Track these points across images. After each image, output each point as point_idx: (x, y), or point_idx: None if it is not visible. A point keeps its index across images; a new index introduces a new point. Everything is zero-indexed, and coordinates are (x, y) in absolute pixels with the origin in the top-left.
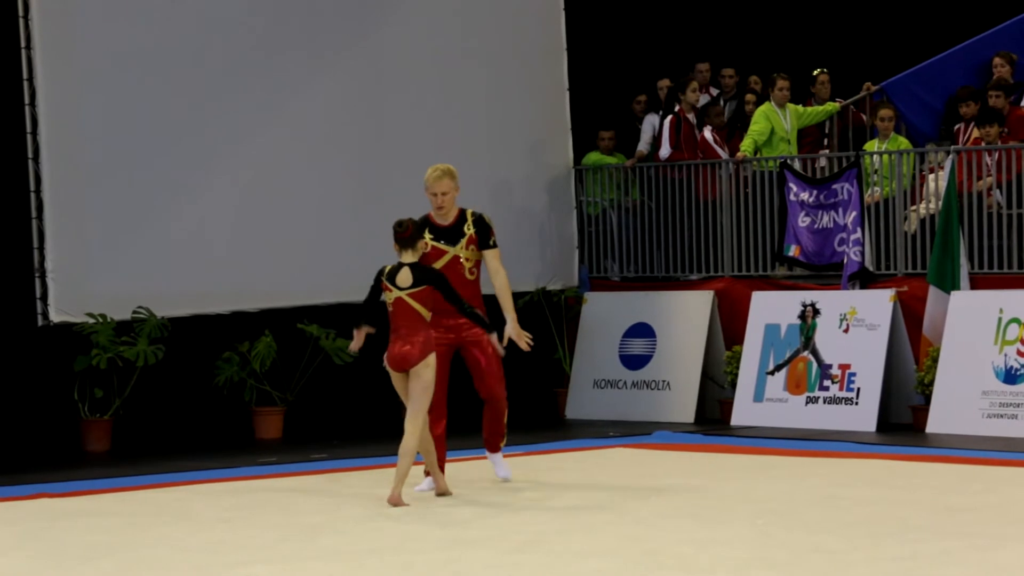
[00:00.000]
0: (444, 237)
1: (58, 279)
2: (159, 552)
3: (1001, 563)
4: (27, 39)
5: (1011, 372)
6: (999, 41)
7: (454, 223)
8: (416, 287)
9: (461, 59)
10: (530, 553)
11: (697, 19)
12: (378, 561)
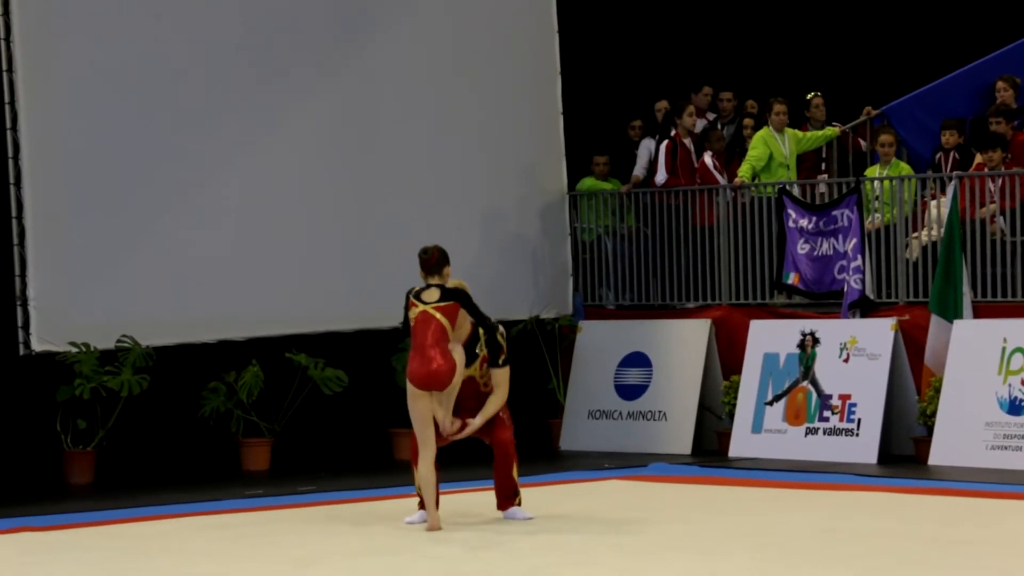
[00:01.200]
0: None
1: (40, 307)
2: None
3: None
4: (8, 62)
5: (1015, 403)
6: (1002, 65)
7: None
8: (442, 302)
9: (455, 83)
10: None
11: (693, 42)
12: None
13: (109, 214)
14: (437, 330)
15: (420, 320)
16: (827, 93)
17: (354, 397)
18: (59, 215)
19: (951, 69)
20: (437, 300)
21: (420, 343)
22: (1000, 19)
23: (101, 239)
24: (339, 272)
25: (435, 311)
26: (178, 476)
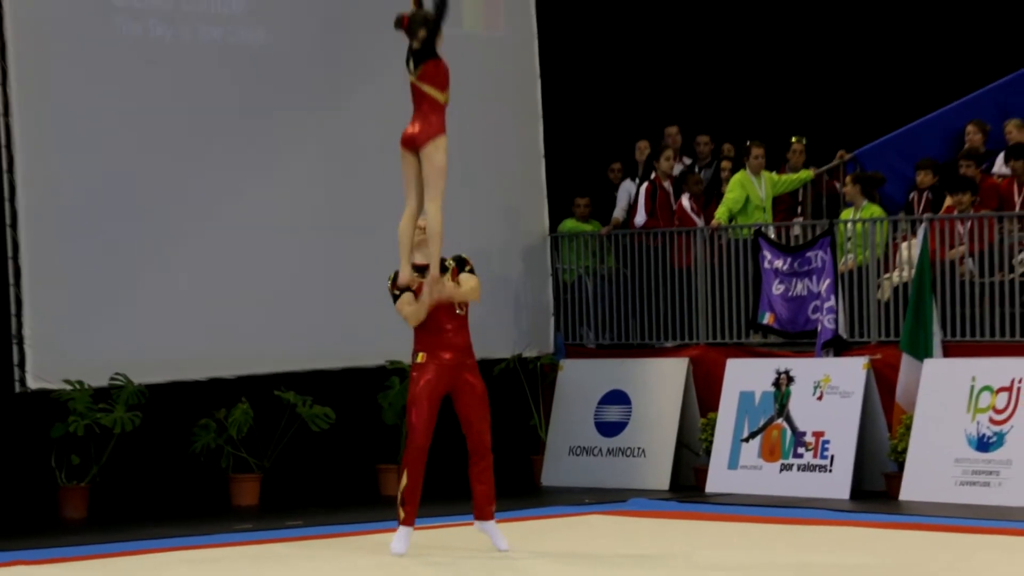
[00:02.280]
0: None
1: (35, 346)
2: None
3: None
4: (5, 107)
5: (983, 440)
6: (972, 110)
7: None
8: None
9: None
10: None
11: (672, 86)
12: None
13: (103, 255)
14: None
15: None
16: (800, 136)
17: (341, 434)
18: (54, 256)
19: (922, 114)
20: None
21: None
22: (970, 65)
23: (95, 280)
24: (326, 312)
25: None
26: (170, 511)
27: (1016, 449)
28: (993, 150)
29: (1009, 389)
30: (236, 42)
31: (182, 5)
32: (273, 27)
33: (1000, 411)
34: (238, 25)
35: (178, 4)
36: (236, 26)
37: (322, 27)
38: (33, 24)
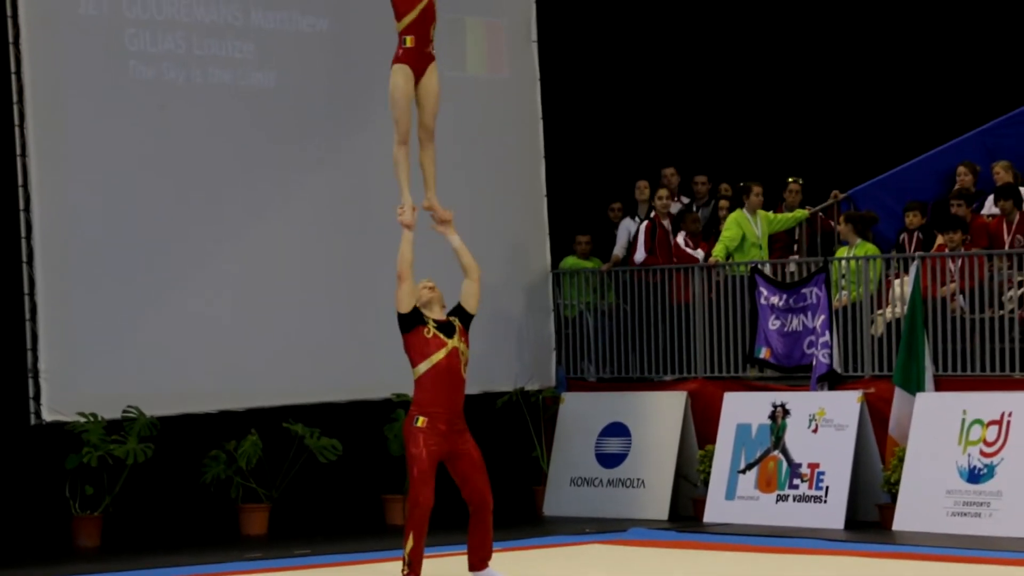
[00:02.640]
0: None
1: (51, 379)
2: None
3: None
4: (22, 147)
5: (975, 472)
6: (962, 151)
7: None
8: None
9: (443, 165)
10: None
11: (670, 128)
12: None
13: (116, 292)
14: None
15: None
16: (796, 177)
17: (348, 465)
18: (68, 292)
19: (915, 155)
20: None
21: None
22: (959, 109)
23: (108, 315)
24: (333, 346)
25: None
26: (181, 540)
27: (1006, 481)
28: (983, 190)
29: (999, 422)
30: (246, 85)
31: (194, 49)
32: (281, 70)
33: (990, 444)
34: (248, 68)
35: (190, 48)
36: (246, 69)
37: (328, 70)
38: (50, 67)
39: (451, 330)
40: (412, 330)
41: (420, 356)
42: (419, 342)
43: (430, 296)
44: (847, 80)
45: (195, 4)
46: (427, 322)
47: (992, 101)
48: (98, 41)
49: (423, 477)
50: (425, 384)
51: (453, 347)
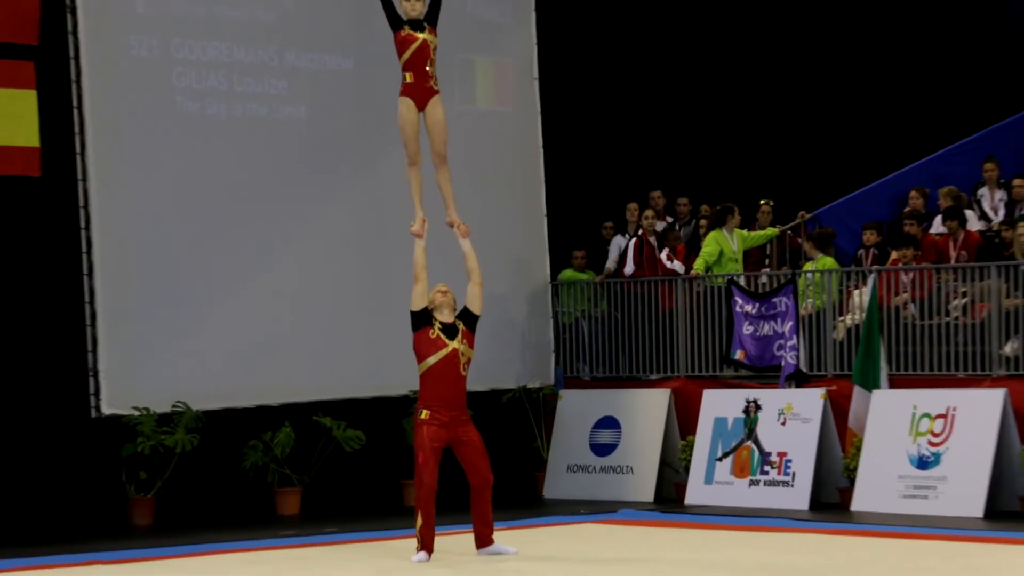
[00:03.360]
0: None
1: (109, 378)
2: None
3: None
4: (83, 172)
5: (923, 459)
6: (914, 177)
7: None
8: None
9: (456, 187)
10: None
11: (657, 157)
12: None
13: (166, 300)
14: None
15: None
16: (767, 199)
17: (370, 453)
18: (124, 301)
19: (871, 180)
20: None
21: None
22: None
23: (159, 321)
24: (358, 349)
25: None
26: (223, 519)
27: (951, 467)
28: (932, 212)
29: (945, 416)
30: (280, 118)
31: (234, 86)
32: (311, 105)
33: (937, 435)
34: (282, 103)
35: (231, 85)
36: (280, 104)
37: (352, 104)
38: (107, 102)
39: (454, 332)
40: (420, 329)
41: (424, 354)
42: (424, 341)
43: (442, 300)
44: (813, 115)
45: (235, 46)
46: (434, 324)
47: (939, 134)
48: (149, 79)
49: (426, 462)
50: (428, 380)
51: (453, 348)
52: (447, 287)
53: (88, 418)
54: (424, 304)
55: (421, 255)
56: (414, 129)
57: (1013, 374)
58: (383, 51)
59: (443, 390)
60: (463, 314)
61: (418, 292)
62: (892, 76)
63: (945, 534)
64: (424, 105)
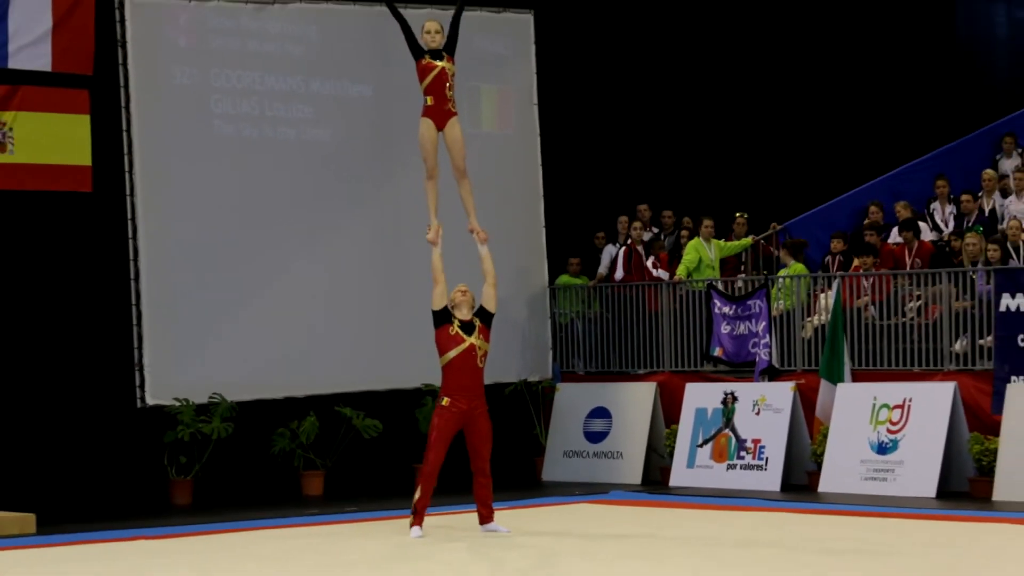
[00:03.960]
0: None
1: (152, 372)
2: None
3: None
4: (131, 188)
5: (882, 445)
6: (874, 192)
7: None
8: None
9: (458, 204)
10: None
11: (643, 173)
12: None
13: (204, 302)
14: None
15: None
16: (744, 212)
17: (386, 440)
18: (167, 303)
19: (836, 195)
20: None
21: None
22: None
23: (198, 321)
24: (375, 346)
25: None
26: (255, 499)
27: (907, 452)
28: (889, 223)
29: (902, 406)
30: (306, 139)
31: (265, 111)
32: (335, 128)
33: (895, 423)
34: (308, 127)
35: (263, 111)
36: (306, 127)
37: (372, 127)
38: (153, 126)
39: (472, 329)
40: (441, 326)
41: (444, 348)
42: (444, 337)
43: (460, 300)
44: (783, 137)
45: (267, 75)
46: (453, 321)
47: (896, 154)
48: (190, 105)
49: (436, 442)
50: (448, 371)
51: (470, 344)
52: (466, 287)
53: (134, 408)
54: (444, 303)
55: (438, 260)
56: (433, 146)
57: (962, 369)
58: (399, 80)
59: (462, 380)
60: (480, 312)
61: (438, 293)
62: (854, 102)
63: (902, 512)
64: (443, 125)
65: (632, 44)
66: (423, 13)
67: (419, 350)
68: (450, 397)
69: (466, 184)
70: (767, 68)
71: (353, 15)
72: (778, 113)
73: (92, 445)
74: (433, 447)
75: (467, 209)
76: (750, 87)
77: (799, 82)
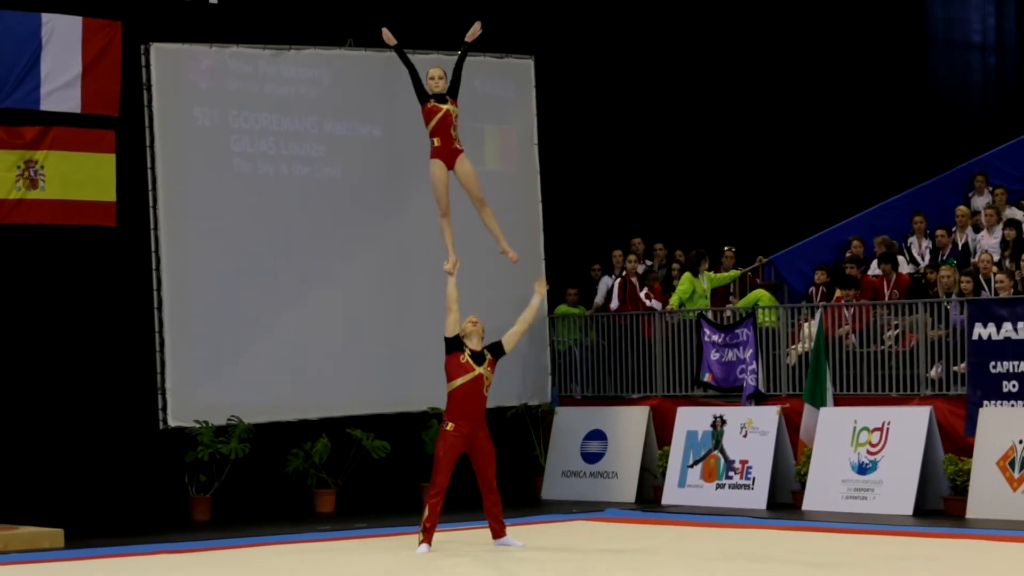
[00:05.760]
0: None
1: (174, 395)
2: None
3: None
4: (155, 222)
5: (863, 466)
6: (854, 227)
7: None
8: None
9: (465, 236)
10: None
11: (637, 209)
12: None
13: (222, 330)
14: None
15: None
16: (732, 246)
17: (394, 460)
18: (188, 331)
19: (819, 230)
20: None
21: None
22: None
23: (217, 348)
24: (383, 372)
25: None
26: (270, 515)
27: (886, 473)
28: (869, 257)
29: (881, 429)
30: (320, 177)
31: (282, 151)
32: (346, 166)
33: (874, 445)
34: (321, 164)
35: (279, 150)
36: (319, 165)
37: (381, 166)
38: (175, 164)
39: (482, 359)
40: (452, 353)
41: (453, 375)
42: (454, 364)
43: (472, 329)
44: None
45: (282, 117)
46: (464, 349)
47: (875, 191)
48: (210, 144)
49: (442, 465)
50: (454, 398)
51: (479, 373)
52: (477, 318)
53: (156, 429)
54: (456, 331)
55: (453, 290)
56: (444, 185)
57: (937, 394)
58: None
59: (467, 407)
60: (494, 346)
61: (451, 321)
62: (836, 143)
63: (881, 529)
64: (453, 164)
65: (625, 88)
66: (429, 59)
67: (425, 375)
68: (454, 422)
69: (488, 211)
70: (753, 111)
71: (363, 60)
72: (764, 153)
73: (117, 464)
74: (439, 469)
75: (495, 235)
76: (737, 129)
77: (784, 125)
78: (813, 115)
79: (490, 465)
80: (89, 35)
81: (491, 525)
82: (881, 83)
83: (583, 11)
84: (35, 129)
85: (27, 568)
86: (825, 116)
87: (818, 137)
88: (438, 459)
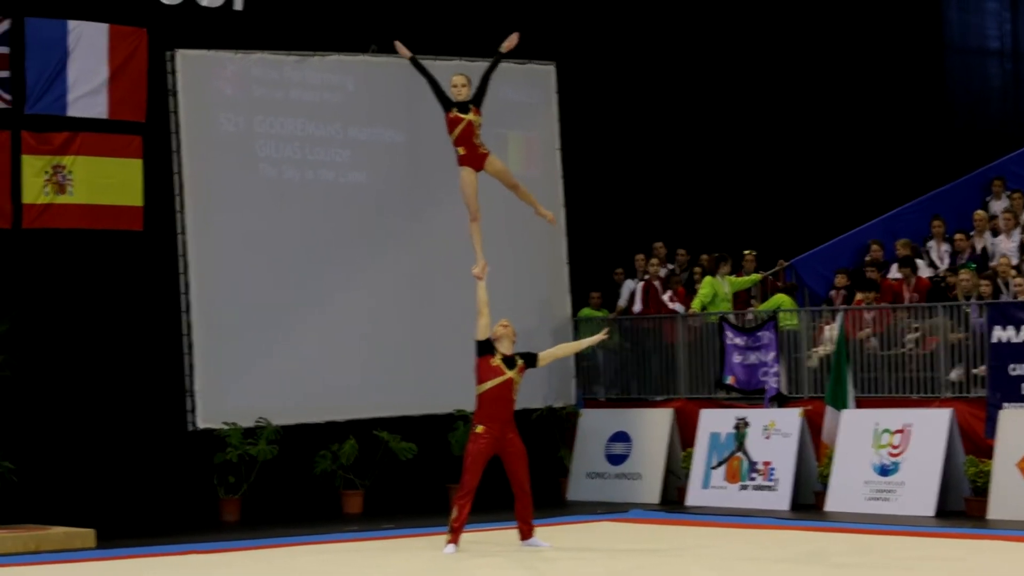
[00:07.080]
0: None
1: (203, 397)
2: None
3: None
4: (182, 227)
5: (884, 468)
6: (874, 231)
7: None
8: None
9: (490, 242)
10: None
11: (659, 214)
12: None
13: (250, 333)
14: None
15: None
16: (754, 249)
17: (421, 462)
18: (215, 334)
19: (839, 233)
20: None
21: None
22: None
23: (244, 351)
24: (410, 374)
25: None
26: (298, 516)
27: (907, 474)
28: (889, 260)
29: (902, 431)
30: (344, 181)
31: (307, 156)
32: (370, 171)
33: (896, 447)
34: (345, 169)
35: (304, 155)
36: (344, 170)
37: (404, 170)
38: (202, 169)
39: (512, 364)
40: (483, 356)
41: (483, 378)
42: (485, 367)
43: (502, 333)
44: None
45: (307, 122)
46: (495, 353)
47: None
48: (236, 149)
49: (472, 467)
50: (484, 400)
51: (508, 378)
52: (508, 322)
53: (186, 431)
54: (487, 335)
55: (484, 294)
56: (473, 191)
57: (958, 396)
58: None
59: (496, 410)
60: (528, 355)
61: (482, 325)
62: (857, 148)
63: (903, 530)
64: (482, 167)
65: (647, 93)
66: (451, 65)
67: (451, 378)
68: (484, 425)
69: (520, 189)
70: (774, 116)
71: (387, 67)
72: (786, 158)
73: (148, 466)
74: (468, 471)
75: (530, 202)
76: (757, 134)
77: (805, 131)
78: (833, 121)
79: (522, 467)
80: (115, 42)
81: (520, 527)
82: (899, 89)
83: (604, 16)
84: (63, 135)
85: (59, 568)
86: (845, 122)
87: (838, 142)
88: (468, 461)
